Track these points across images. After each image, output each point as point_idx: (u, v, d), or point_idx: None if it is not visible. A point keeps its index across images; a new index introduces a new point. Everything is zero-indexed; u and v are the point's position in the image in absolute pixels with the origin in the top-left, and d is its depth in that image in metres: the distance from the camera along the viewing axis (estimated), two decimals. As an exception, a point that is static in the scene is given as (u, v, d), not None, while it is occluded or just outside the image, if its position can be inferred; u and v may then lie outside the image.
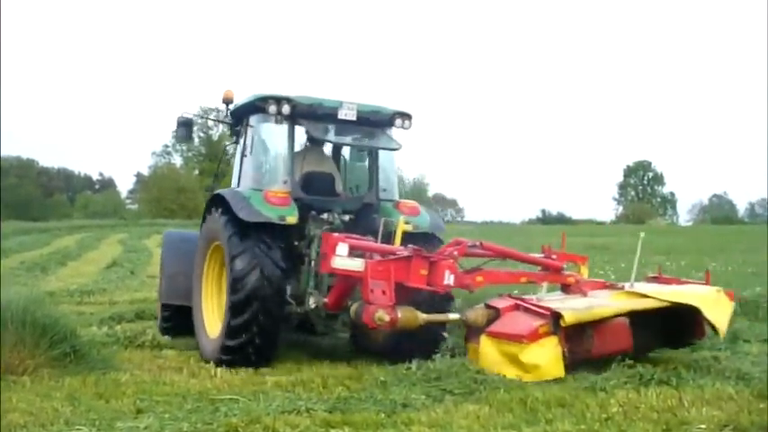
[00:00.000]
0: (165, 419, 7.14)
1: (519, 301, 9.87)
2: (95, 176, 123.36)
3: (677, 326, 10.19)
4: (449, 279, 9.60)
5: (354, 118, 11.27)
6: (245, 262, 10.01)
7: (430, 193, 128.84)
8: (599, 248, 34.06)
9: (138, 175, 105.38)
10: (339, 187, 11.82)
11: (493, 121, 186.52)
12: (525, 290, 11.37)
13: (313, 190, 11.24)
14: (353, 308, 9.59)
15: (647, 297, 10.03)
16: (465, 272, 10.08)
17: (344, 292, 10.12)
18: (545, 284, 10.53)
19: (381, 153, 11.64)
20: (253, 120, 11.60)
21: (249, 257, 10.04)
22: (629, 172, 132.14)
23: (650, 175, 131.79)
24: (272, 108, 10.92)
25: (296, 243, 10.88)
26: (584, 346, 9.47)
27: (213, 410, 7.49)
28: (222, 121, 13.69)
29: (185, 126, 12.91)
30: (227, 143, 12.98)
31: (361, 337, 11.25)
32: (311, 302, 10.46)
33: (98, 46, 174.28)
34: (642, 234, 11.36)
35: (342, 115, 11.16)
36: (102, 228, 61.00)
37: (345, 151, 12.48)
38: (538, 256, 11.11)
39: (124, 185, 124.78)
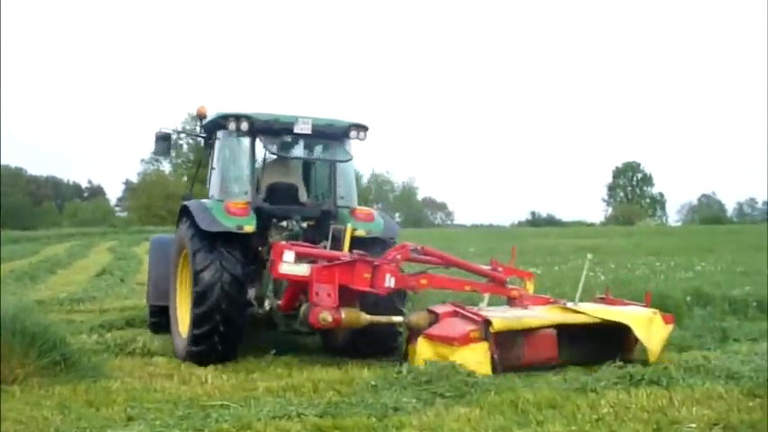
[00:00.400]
0: (156, 426, 7.13)
1: (458, 308, 10.58)
2: (84, 184, 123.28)
3: (614, 343, 10.50)
4: (390, 282, 10.31)
5: (309, 131, 11.89)
6: (203, 256, 10.66)
7: (420, 197, 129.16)
8: (588, 250, 34.04)
9: (127, 183, 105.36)
10: (303, 196, 12.50)
11: (483, 124, 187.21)
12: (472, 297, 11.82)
13: (276, 199, 11.96)
14: (302, 309, 10.34)
15: (580, 313, 10.66)
16: (410, 275, 10.87)
17: (295, 295, 10.67)
18: (487, 295, 11.14)
19: (340, 163, 12.21)
20: (219, 135, 12.26)
21: (208, 253, 10.69)
22: (618, 173, 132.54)
23: (639, 175, 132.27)
24: (232, 125, 11.61)
25: (259, 249, 11.51)
26: (514, 354, 9.99)
27: (204, 417, 7.47)
28: (197, 135, 14.40)
29: (164, 140, 13.62)
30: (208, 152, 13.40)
31: (326, 335, 11.74)
32: (267, 304, 11.16)
33: (86, 54, 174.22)
34: (590, 256, 13.26)
35: (297, 129, 11.79)
36: (92, 235, 61.00)
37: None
38: (485, 267, 11.83)
39: (113, 193, 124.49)
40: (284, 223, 11.72)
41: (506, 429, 7.14)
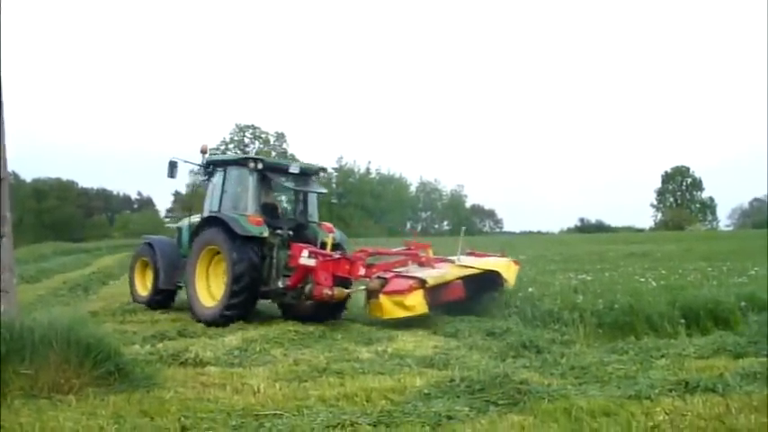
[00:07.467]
0: (210, 436, 7.16)
1: (396, 273, 16.30)
2: (134, 196, 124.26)
3: (490, 281, 16.72)
4: (362, 271, 15.94)
5: (298, 171, 17.60)
6: (240, 254, 15.85)
7: (468, 204, 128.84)
8: (639, 256, 33.92)
9: (177, 194, 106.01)
10: (280, 213, 18.23)
11: (531, 131, 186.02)
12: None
13: (267, 214, 17.08)
14: (308, 287, 15.64)
15: (469, 267, 16.71)
16: (368, 265, 16.37)
17: (301, 278, 15.88)
18: (410, 263, 17.24)
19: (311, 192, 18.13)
20: (232, 169, 17.42)
21: (242, 252, 15.88)
22: (667, 178, 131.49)
23: (688, 180, 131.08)
24: (251, 164, 16.94)
25: (262, 246, 16.40)
26: (437, 296, 15.61)
27: (258, 426, 7.48)
28: (200, 165, 18.74)
29: (171, 167, 18.11)
30: (202, 180, 19.05)
31: (288, 307, 17.10)
32: (279, 283, 16.38)
33: (135, 66, 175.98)
34: (463, 229, 19.49)
35: (291, 170, 17.53)
36: (142, 247, 61.30)
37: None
38: (403, 249, 18.22)
39: (162, 204, 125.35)
40: (278, 231, 16.83)
41: (561, 437, 7.09)
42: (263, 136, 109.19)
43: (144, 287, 19.48)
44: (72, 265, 37.54)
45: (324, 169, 18.71)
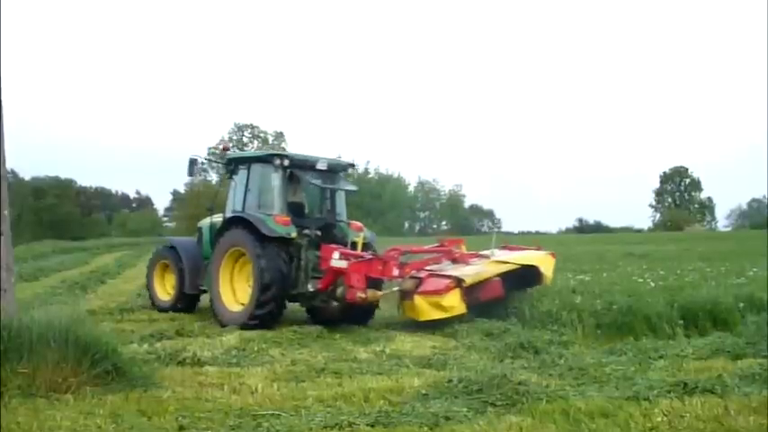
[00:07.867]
0: (208, 436, 7.15)
1: (431, 272, 15.72)
2: (132, 195, 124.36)
3: (527, 276, 15.93)
4: (395, 272, 15.08)
5: (325, 167, 16.69)
6: (267, 260, 15.03)
7: (466, 204, 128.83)
8: (637, 257, 33.88)
9: (175, 193, 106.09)
10: (306, 212, 17.03)
11: (529, 131, 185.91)
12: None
13: (293, 213, 16.14)
14: (339, 290, 14.84)
15: (507, 263, 15.91)
16: (402, 264, 15.44)
17: (331, 280, 15.05)
18: (444, 261, 16.55)
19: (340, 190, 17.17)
20: (257, 167, 16.48)
21: (269, 257, 15.07)
22: (666, 178, 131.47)
23: (687, 180, 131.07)
24: (277, 161, 15.99)
25: (290, 247, 15.52)
26: (474, 295, 14.88)
27: (255, 426, 7.48)
28: (220, 162, 18.71)
29: (191, 164, 17.57)
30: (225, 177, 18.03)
31: (316, 311, 16.37)
32: (310, 287, 15.41)
33: (134, 65, 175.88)
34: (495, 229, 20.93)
35: (318, 166, 16.59)
36: (140, 245, 61.42)
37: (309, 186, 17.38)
38: (436, 246, 17.70)
39: (161, 203, 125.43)
40: (306, 231, 15.91)
41: (558, 438, 7.09)
42: (261, 135, 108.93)
43: (165, 292, 18.60)
44: (70, 264, 37.43)
45: (352, 165, 18.25)
